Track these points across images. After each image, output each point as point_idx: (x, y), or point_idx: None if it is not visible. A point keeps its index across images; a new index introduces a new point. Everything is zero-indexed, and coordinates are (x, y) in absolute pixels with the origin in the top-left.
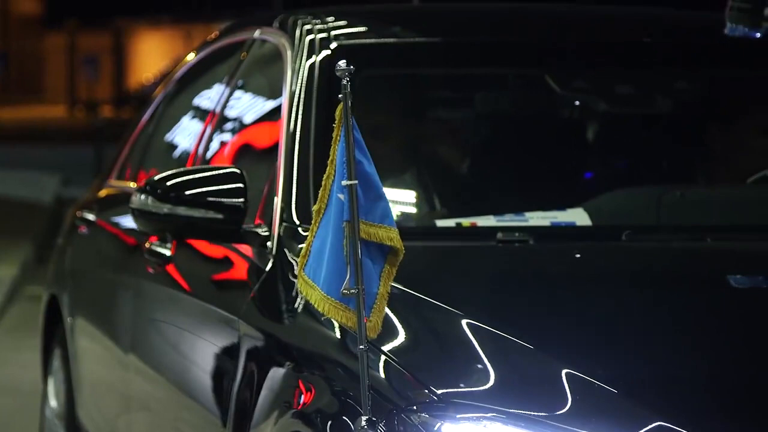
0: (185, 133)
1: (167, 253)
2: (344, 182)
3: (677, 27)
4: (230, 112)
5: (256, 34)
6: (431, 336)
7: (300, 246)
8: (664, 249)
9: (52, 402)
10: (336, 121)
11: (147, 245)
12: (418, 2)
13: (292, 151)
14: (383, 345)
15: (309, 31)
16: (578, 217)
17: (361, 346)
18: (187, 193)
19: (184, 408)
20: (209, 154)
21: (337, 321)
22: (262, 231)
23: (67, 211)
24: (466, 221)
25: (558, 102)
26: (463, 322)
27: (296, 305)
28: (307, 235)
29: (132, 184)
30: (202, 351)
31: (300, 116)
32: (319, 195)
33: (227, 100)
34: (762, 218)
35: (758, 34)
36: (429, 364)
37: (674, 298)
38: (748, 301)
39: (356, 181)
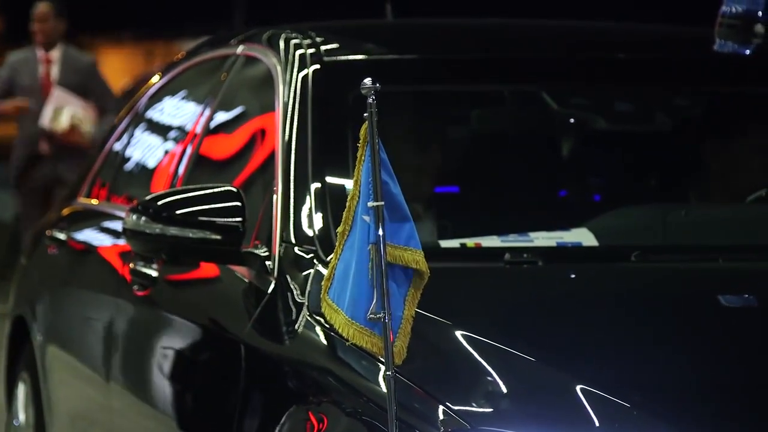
0: (161, 152)
1: (154, 273)
2: (370, 203)
3: (676, 43)
4: (215, 130)
5: (239, 50)
6: (453, 360)
7: (308, 271)
8: (675, 270)
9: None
10: (360, 141)
11: (131, 266)
12: (391, 18)
13: (288, 170)
14: (405, 370)
15: (297, 46)
16: (583, 237)
17: (388, 372)
18: (184, 213)
19: None
20: (194, 174)
21: (362, 346)
22: (261, 252)
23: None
24: (470, 242)
25: (556, 120)
26: (485, 345)
27: (302, 329)
28: (307, 256)
29: (97, 203)
30: (199, 378)
31: (295, 134)
32: (344, 217)
33: (210, 118)
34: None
35: (747, 51)
36: (455, 390)
37: (691, 319)
38: (762, 321)
39: (383, 203)
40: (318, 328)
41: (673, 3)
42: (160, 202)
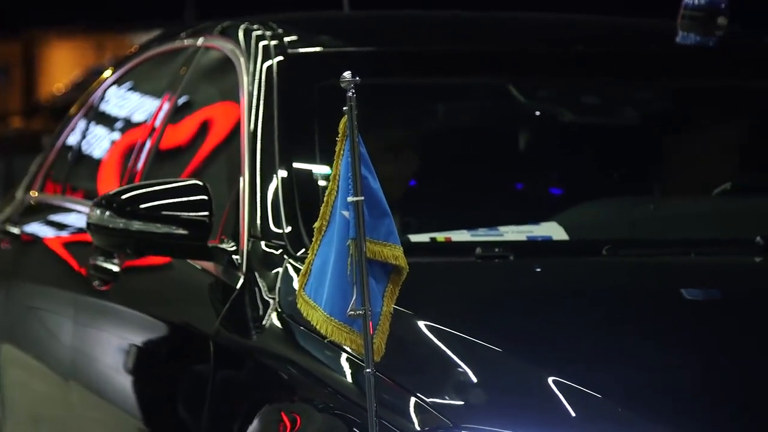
0: (119, 146)
1: (115, 269)
2: (350, 198)
3: (641, 35)
4: (176, 123)
5: (199, 42)
6: (431, 357)
7: (278, 266)
8: (647, 264)
9: None
10: (339, 135)
11: (91, 260)
12: (348, 10)
13: (254, 164)
14: (381, 366)
15: (261, 38)
16: (553, 231)
17: (368, 370)
18: (149, 207)
19: None
20: (155, 168)
21: (340, 343)
22: (229, 247)
23: None
24: (440, 236)
25: (523, 113)
26: (464, 341)
27: (272, 325)
28: (276, 252)
29: (51, 196)
30: (166, 376)
31: (260, 127)
32: (321, 211)
33: (171, 111)
34: (738, 231)
35: (710, 43)
36: (434, 386)
37: (665, 313)
38: (734, 314)
39: (362, 198)
40: (289, 325)
41: None
42: (124, 196)
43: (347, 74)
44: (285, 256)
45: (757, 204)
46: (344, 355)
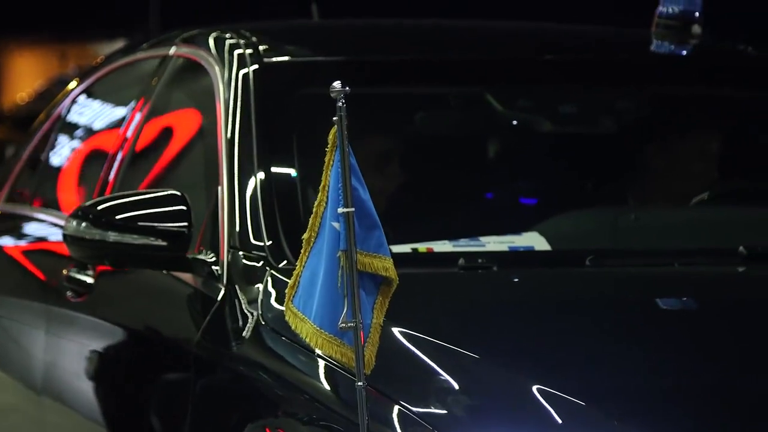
0: (89, 156)
1: (89, 280)
2: (340, 210)
3: (619, 44)
4: (149, 134)
5: (171, 51)
6: (419, 368)
7: (259, 278)
8: (630, 274)
9: None
10: (329, 146)
11: (65, 272)
12: (317, 18)
13: (233, 174)
14: (369, 379)
15: (235, 46)
16: (535, 241)
17: (359, 383)
18: (127, 218)
19: None
20: (128, 178)
21: (330, 356)
22: (208, 258)
23: None
24: (421, 246)
25: (501, 122)
26: (451, 352)
27: (255, 338)
28: (258, 263)
29: (19, 207)
30: (145, 391)
31: (237, 136)
32: (310, 223)
33: (144, 121)
34: (721, 241)
35: (684, 51)
36: (420, 396)
37: (651, 323)
38: (720, 324)
39: (353, 209)
40: (272, 337)
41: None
42: (101, 207)
43: (337, 84)
44: (267, 268)
45: (739, 213)
46: (329, 367)
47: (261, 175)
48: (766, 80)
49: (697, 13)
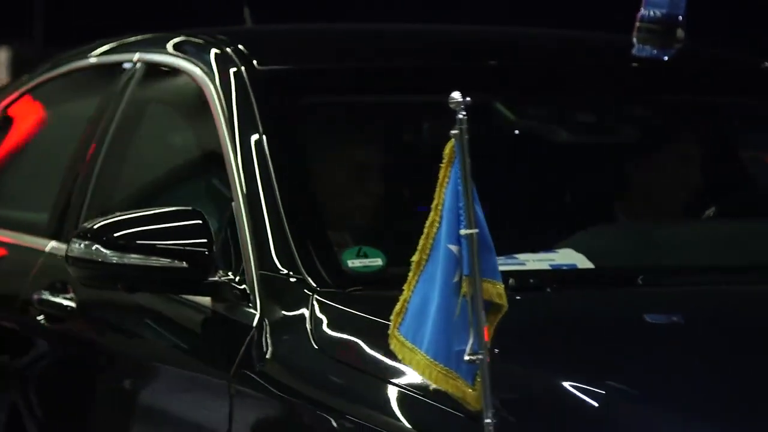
0: (44, 170)
1: (71, 304)
2: (463, 231)
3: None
4: (124, 145)
5: (135, 57)
6: (524, 398)
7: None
8: (692, 293)
9: None
10: (445, 161)
11: (37, 296)
12: (249, 22)
13: (251, 191)
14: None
15: (223, 55)
16: (575, 258)
17: (487, 420)
18: (143, 238)
19: None
20: (108, 194)
21: (446, 390)
22: (232, 280)
23: None
24: None
25: (513, 131)
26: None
27: (312, 366)
28: (294, 284)
29: None
30: (170, 427)
31: (253, 151)
32: (420, 245)
33: (113, 131)
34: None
35: (666, 57)
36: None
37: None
38: None
39: (477, 230)
40: (333, 366)
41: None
42: (110, 227)
43: (456, 95)
44: (307, 291)
45: None
46: (408, 397)
47: (281, 190)
48: None
49: (680, 17)
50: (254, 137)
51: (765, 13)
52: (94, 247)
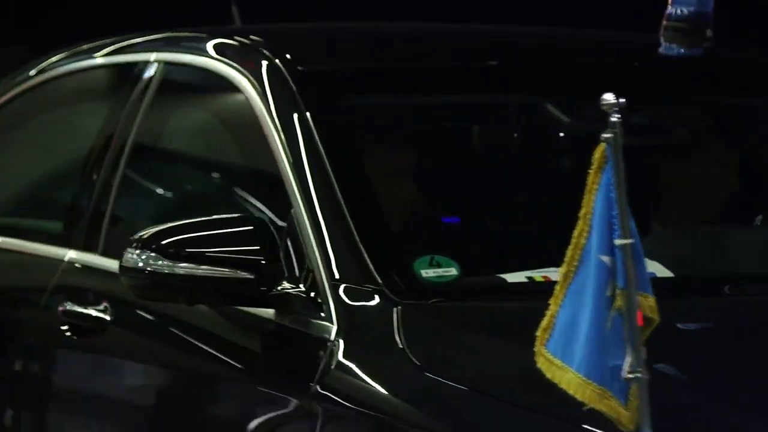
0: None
1: (104, 316)
2: (618, 241)
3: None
4: (152, 149)
5: (152, 57)
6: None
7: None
8: None
9: None
10: (594, 166)
11: (62, 308)
12: (238, 21)
13: (314, 199)
14: None
15: (261, 54)
16: (652, 267)
17: None
18: (211, 249)
19: None
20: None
21: (601, 411)
22: (301, 292)
23: None
24: (537, 275)
25: (560, 134)
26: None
27: (414, 385)
28: (371, 295)
29: None
30: None
31: (312, 158)
32: (567, 256)
33: (133, 139)
34: None
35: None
36: None
37: None
38: None
39: (632, 240)
40: (434, 385)
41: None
42: (174, 238)
43: (609, 96)
44: (387, 301)
45: None
46: (536, 418)
47: (345, 196)
48: None
49: (709, 15)
50: (309, 142)
51: (765, 13)
52: (153, 258)
